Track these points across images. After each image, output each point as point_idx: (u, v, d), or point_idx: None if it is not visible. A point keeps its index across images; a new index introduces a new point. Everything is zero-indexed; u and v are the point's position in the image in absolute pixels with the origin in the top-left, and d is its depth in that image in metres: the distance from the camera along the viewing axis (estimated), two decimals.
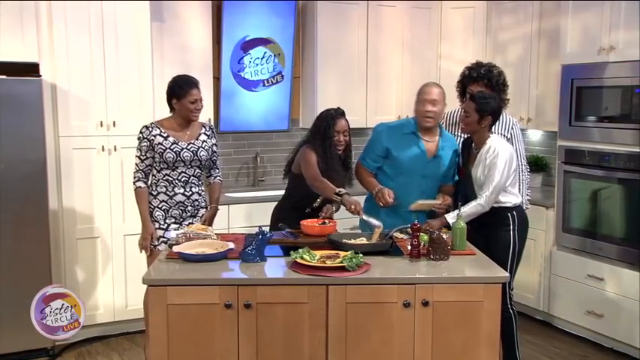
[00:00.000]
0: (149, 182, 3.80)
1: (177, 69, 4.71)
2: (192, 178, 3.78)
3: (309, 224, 3.48)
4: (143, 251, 3.79)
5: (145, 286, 2.88)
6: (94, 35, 4.33)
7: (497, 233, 3.55)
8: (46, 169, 4.19)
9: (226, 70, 5.14)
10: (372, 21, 5.42)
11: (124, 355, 4.34)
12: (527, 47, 5.10)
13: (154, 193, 3.76)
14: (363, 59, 5.44)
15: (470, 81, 3.84)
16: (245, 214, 4.86)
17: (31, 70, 4.15)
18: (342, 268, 2.85)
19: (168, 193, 3.74)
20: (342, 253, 2.98)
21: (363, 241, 3.28)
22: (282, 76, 5.38)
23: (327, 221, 3.55)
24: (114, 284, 4.54)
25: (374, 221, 3.32)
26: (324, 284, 2.80)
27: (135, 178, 3.75)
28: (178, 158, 3.68)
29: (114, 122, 4.43)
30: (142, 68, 4.49)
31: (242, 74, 5.22)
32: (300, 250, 2.94)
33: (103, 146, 4.42)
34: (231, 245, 3.11)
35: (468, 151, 3.61)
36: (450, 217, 3.37)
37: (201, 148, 3.76)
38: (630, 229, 4.19)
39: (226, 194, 5.06)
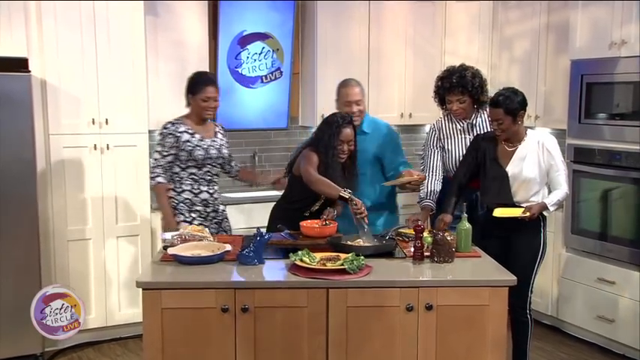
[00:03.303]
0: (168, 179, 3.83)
1: (172, 65, 4.77)
2: (214, 177, 3.88)
3: (308, 225, 3.44)
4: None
5: None
6: (85, 29, 4.28)
7: (527, 235, 3.49)
8: (35, 168, 4.14)
9: (223, 66, 5.08)
10: (373, 16, 5.37)
11: None
12: (534, 42, 5.05)
13: (178, 190, 3.79)
14: (364, 55, 5.39)
15: (445, 91, 3.88)
16: (243, 215, 4.80)
17: (19, 65, 4.09)
18: (343, 271, 2.83)
19: (193, 191, 3.79)
20: (342, 255, 2.98)
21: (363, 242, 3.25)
22: (281, 72, 5.32)
23: (327, 222, 3.49)
24: (106, 288, 4.49)
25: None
26: (324, 287, 2.78)
27: (154, 173, 3.75)
28: (207, 155, 3.75)
29: (106, 120, 4.39)
30: (135, 64, 4.45)
31: (239, 70, 5.16)
32: (300, 252, 2.94)
33: (95, 145, 4.38)
34: (229, 247, 3.08)
35: (494, 150, 3.49)
36: (549, 202, 3.37)
37: (222, 146, 3.86)
38: None
39: (223, 194, 4.96)
